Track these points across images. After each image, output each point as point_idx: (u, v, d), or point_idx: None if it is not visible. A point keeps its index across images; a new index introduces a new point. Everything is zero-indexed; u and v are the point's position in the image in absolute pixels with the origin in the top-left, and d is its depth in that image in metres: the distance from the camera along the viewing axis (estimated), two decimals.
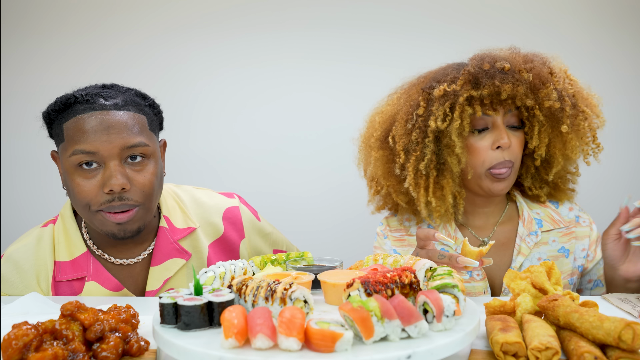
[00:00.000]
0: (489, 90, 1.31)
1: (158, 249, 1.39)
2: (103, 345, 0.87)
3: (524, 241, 1.43)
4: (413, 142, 1.36)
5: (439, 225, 1.46)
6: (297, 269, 1.17)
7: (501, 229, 1.47)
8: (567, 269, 1.45)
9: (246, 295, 0.92)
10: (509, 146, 1.34)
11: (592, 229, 1.49)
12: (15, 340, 0.81)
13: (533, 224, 1.45)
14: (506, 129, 1.36)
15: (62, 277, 1.34)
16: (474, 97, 1.33)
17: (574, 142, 1.38)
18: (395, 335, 0.81)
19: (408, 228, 1.51)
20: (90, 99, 1.26)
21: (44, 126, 1.33)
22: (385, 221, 1.56)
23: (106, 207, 1.25)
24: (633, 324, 0.79)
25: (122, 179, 1.23)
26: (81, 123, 1.24)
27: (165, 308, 0.89)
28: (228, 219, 1.50)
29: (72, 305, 0.90)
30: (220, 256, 1.47)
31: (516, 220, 1.48)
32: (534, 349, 0.82)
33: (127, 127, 1.26)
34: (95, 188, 1.24)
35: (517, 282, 1.03)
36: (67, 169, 1.26)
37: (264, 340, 0.79)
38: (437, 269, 1.01)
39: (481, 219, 1.48)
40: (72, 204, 1.34)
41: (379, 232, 1.55)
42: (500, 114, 1.35)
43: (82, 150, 1.23)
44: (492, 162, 1.35)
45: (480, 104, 1.33)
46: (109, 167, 1.24)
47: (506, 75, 1.31)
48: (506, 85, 1.29)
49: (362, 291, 0.89)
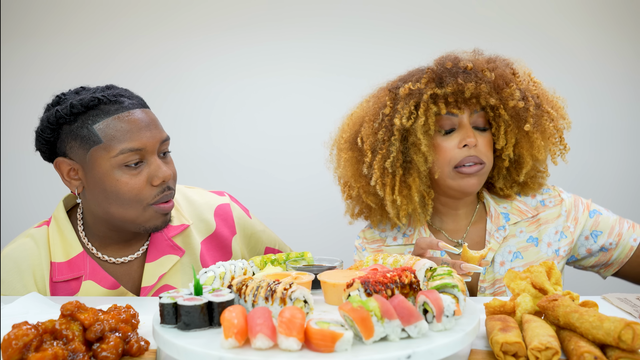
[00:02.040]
0: (453, 88, 1.34)
1: (153, 245, 1.41)
2: (103, 345, 0.87)
3: (493, 237, 1.44)
4: (379, 141, 1.39)
5: (413, 228, 1.49)
6: (297, 269, 1.17)
7: (473, 229, 1.48)
8: (541, 257, 1.43)
9: (246, 295, 0.92)
10: (474, 144, 1.37)
11: (561, 203, 1.46)
12: (15, 340, 0.81)
13: (500, 219, 1.46)
14: (473, 130, 1.39)
15: (59, 277, 1.34)
16: (438, 95, 1.36)
17: (540, 142, 1.40)
18: (395, 335, 0.81)
19: (384, 239, 1.53)
20: (116, 99, 1.29)
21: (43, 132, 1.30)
22: (362, 234, 1.58)
23: (159, 198, 1.30)
24: (633, 324, 0.79)
25: (168, 170, 1.30)
26: (124, 121, 1.26)
27: (165, 308, 0.89)
28: (219, 215, 1.52)
29: (72, 305, 0.90)
30: (212, 252, 1.49)
31: (485, 218, 1.49)
32: (534, 349, 0.82)
33: (157, 122, 1.33)
34: (143, 183, 1.27)
35: (517, 282, 1.03)
36: (108, 170, 1.26)
37: (264, 340, 0.79)
38: (437, 269, 1.01)
39: (454, 221, 1.50)
40: (114, 206, 1.28)
41: (357, 246, 1.57)
42: (466, 114, 1.38)
43: (131, 148, 1.25)
44: (458, 159, 1.37)
45: (445, 102, 1.36)
46: (153, 162, 1.29)
47: (469, 74, 1.35)
48: (469, 84, 1.34)
49: (362, 291, 0.89)
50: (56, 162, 1.32)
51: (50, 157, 1.34)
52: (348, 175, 1.49)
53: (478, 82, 1.35)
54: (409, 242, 1.49)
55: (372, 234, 1.56)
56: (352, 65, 2.42)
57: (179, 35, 2.44)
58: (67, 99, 1.31)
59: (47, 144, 1.31)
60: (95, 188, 1.28)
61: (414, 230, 1.49)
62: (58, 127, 1.29)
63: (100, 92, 1.30)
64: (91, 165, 1.27)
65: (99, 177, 1.27)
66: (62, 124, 1.28)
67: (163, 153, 1.33)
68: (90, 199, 1.32)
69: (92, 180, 1.28)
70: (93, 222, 1.37)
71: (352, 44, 2.43)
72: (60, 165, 1.31)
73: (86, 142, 1.26)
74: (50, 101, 1.34)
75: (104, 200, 1.29)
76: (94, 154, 1.26)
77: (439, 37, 2.36)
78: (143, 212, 1.29)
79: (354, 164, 1.47)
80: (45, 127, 1.29)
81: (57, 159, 1.31)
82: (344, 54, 2.43)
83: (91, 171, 1.27)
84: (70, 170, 1.31)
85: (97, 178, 1.27)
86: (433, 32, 2.38)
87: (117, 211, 1.29)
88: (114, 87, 1.36)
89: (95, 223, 1.37)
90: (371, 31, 2.42)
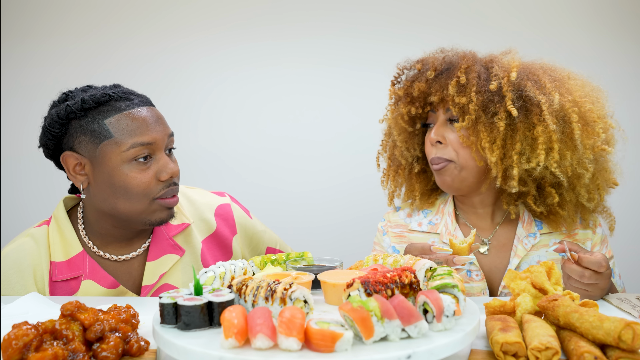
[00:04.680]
0: (405, 90, 1.44)
1: (154, 244, 1.42)
2: (103, 345, 0.87)
3: (521, 242, 1.43)
4: (387, 134, 1.57)
5: (440, 217, 1.51)
6: (297, 269, 1.17)
7: (503, 230, 1.47)
8: None
9: (246, 295, 0.92)
10: (434, 142, 1.40)
11: (594, 231, 1.47)
12: (15, 340, 0.81)
13: (533, 226, 1.45)
14: (448, 124, 1.40)
15: (59, 277, 1.34)
16: (400, 95, 1.46)
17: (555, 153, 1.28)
18: (395, 335, 0.81)
19: (408, 225, 1.53)
20: (126, 96, 1.32)
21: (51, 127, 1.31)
22: (387, 216, 1.59)
23: (164, 193, 1.32)
24: (633, 324, 0.79)
25: (175, 166, 1.34)
26: (134, 117, 1.29)
27: (165, 308, 0.89)
28: (220, 215, 1.53)
29: (72, 305, 0.90)
30: (213, 252, 1.49)
31: (518, 222, 1.47)
32: (534, 349, 0.82)
33: (164, 119, 1.37)
34: (151, 178, 1.30)
35: (517, 282, 1.03)
36: (118, 164, 1.28)
37: (264, 340, 0.79)
38: (437, 269, 1.01)
39: (477, 218, 1.49)
40: (121, 200, 1.30)
41: (379, 228, 1.59)
42: (440, 111, 1.40)
43: (142, 143, 1.28)
44: (430, 156, 1.43)
45: (409, 102, 1.44)
46: (162, 157, 1.32)
47: (419, 74, 1.42)
48: (417, 84, 1.40)
49: (362, 291, 0.89)
50: (63, 156, 1.32)
51: (55, 153, 1.35)
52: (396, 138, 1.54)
53: (422, 82, 1.39)
54: (434, 230, 1.49)
55: (397, 217, 1.57)
56: (355, 66, 2.42)
57: (177, 34, 2.44)
58: (76, 95, 1.32)
59: (54, 139, 1.32)
60: (103, 183, 1.30)
61: (441, 219, 1.50)
62: (67, 122, 1.30)
63: (110, 90, 1.33)
64: (100, 160, 1.29)
65: (108, 171, 1.28)
66: (72, 119, 1.29)
67: (169, 150, 1.36)
68: (95, 194, 1.33)
69: (100, 175, 1.30)
70: (96, 219, 1.37)
71: (357, 42, 2.42)
72: (67, 160, 1.32)
73: (97, 136, 1.28)
74: (57, 98, 1.36)
75: (110, 195, 1.30)
76: (104, 148, 1.28)
77: (446, 37, 2.35)
78: (149, 206, 1.31)
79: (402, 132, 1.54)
80: (54, 122, 1.30)
81: (64, 154, 1.32)
82: (348, 52, 2.43)
83: (100, 166, 1.29)
84: (77, 164, 1.32)
85: (106, 173, 1.29)
86: (440, 32, 2.38)
87: (123, 205, 1.30)
88: (120, 86, 1.39)
89: (98, 220, 1.37)
90: (376, 30, 2.42)
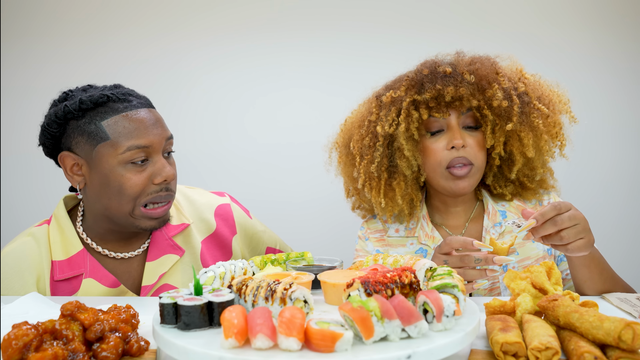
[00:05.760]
0: (432, 94, 1.38)
1: (154, 244, 1.42)
2: (103, 345, 0.87)
3: (489, 233, 1.47)
4: (366, 147, 1.47)
5: (415, 222, 1.52)
6: (297, 269, 1.17)
7: (472, 225, 1.51)
8: (538, 253, 1.46)
9: (246, 295, 0.92)
10: (461, 146, 1.40)
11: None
12: (15, 340, 0.81)
13: (497, 216, 1.49)
14: (463, 130, 1.42)
15: (60, 275, 1.34)
16: (418, 101, 1.40)
17: (529, 140, 1.41)
18: (395, 335, 0.81)
19: (386, 230, 1.57)
20: (125, 98, 1.31)
21: (49, 126, 1.31)
22: (365, 224, 1.62)
23: (153, 197, 1.31)
24: (633, 324, 0.79)
25: (172, 169, 1.32)
26: (132, 119, 1.28)
27: (165, 308, 0.89)
28: (220, 215, 1.53)
29: (72, 305, 0.90)
30: (213, 252, 1.49)
31: (483, 215, 1.52)
32: (534, 349, 0.82)
33: (163, 122, 1.35)
34: (145, 180, 1.29)
35: (517, 282, 1.03)
36: (114, 166, 1.27)
37: (264, 340, 0.79)
38: (437, 269, 1.01)
39: (454, 218, 1.53)
40: (113, 200, 1.29)
41: (360, 236, 1.62)
42: (453, 115, 1.41)
43: (139, 145, 1.27)
44: (448, 160, 1.41)
45: (427, 107, 1.40)
46: (158, 160, 1.31)
47: (448, 78, 1.38)
48: (448, 88, 1.37)
49: (362, 291, 0.89)
50: (60, 156, 1.32)
51: (54, 152, 1.35)
52: (344, 177, 1.58)
53: (457, 86, 1.37)
54: (411, 234, 1.53)
55: (375, 224, 1.60)
56: (355, 66, 2.42)
57: (177, 34, 2.43)
58: (75, 95, 1.32)
59: (52, 138, 1.32)
60: (98, 184, 1.29)
61: (416, 223, 1.53)
62: (65, 122, 1.30)
63: (109, 90, 1.32)
64: (97, 162, 1.28)
65: (104, 173, 1.28)
66: (69, 119, 1.29)
67: (167, 153, 1.35)
68: (90, 194, 1.33)
69: (96, 176, 1.29)
70: (93, 219, 1.37)
71: (357, 43, 2.42)
72: (64, 160, 1.32)
73: (93, 138, 1.28)
74: (57, 97, 1.36)
75: (104, 196, 1.30)
76: (101, 150, 1.28)
77: (446, 37, 2.36)
78: (135, 211, 1.31)
79: (348, 166, 1.55)
80: (52, 121, 1.30)
81: (62, 153, 1.32)
82: (348, 53, 2.43)
83: (96, 167, 1.29)
84: (74, 165, 1.32)
85: (102, 174, 1.28)
86: (440, 31, 2.38)
87: (114, 207, 1.30)
88: (121, 86, 1.38)
89: (96, 220, 1.37)
90: (374, 35, 2.42)
